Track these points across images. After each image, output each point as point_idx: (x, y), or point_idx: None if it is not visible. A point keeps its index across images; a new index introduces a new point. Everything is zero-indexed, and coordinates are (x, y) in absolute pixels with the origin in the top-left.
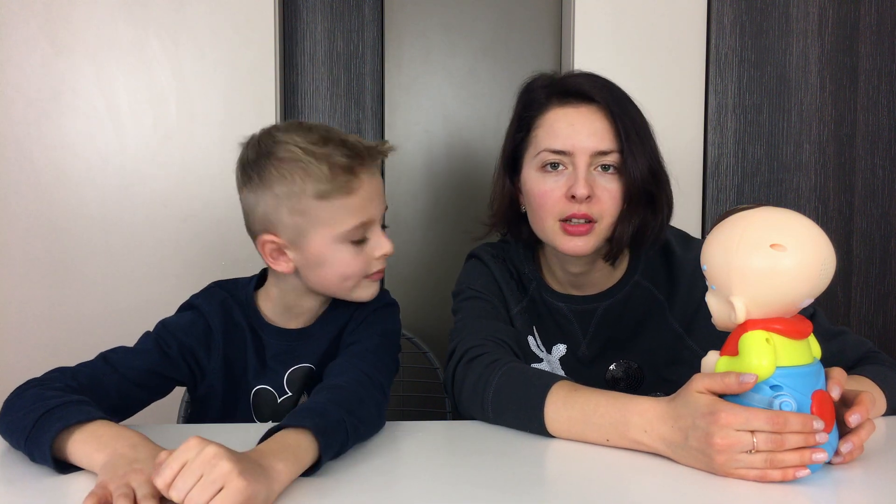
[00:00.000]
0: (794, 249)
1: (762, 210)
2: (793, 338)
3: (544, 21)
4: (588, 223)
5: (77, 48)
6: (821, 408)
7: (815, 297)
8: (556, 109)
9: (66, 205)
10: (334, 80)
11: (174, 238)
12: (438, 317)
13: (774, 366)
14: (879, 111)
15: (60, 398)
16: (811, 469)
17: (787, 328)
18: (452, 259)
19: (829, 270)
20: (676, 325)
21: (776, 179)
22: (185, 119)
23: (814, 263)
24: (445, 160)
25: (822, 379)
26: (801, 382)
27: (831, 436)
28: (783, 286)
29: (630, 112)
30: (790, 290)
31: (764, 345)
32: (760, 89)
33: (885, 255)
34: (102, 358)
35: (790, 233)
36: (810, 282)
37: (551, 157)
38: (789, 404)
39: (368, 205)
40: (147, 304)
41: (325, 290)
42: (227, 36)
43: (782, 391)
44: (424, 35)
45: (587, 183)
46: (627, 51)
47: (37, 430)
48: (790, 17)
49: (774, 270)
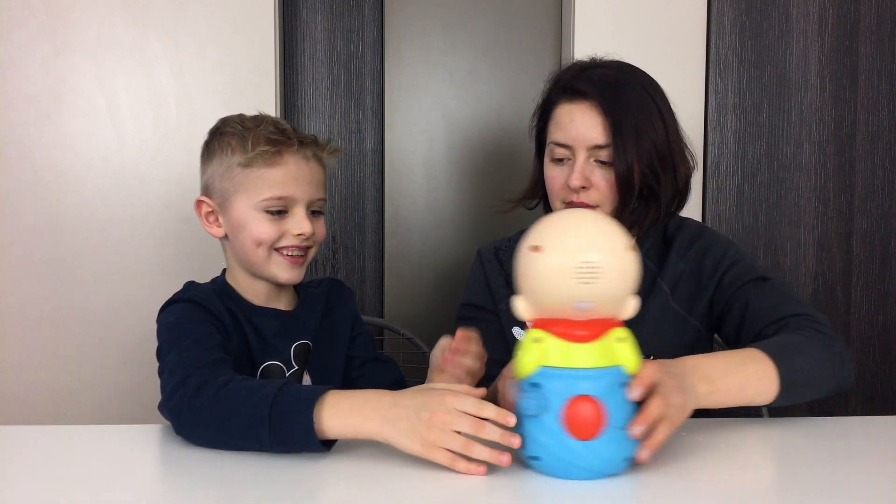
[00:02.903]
0: (548, 251)
1: (559, 213)
2: (571, 340)
3: (544, 21)
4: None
5: (77, 48)
6: (575, 414)
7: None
8: (563, 104)
9: (66, 205)
10: (334, 80)
11: (174, 238)
12: (438, 316)
13: (535, 364)
14: (879, 111)
15: (269, 384)
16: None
17: (565, 330)
18: (452, 259)
19: (593, 275)
20: (678, 308)
21: (776, 179)
22: (185, 119)
23: (567, 266)
24: (445, 160)
25: (615, 385)
26: (562, 384)
27: (607, 441)
28: (543, 287)
29: (628, 105)
30: (551, 291)
31: (527, 344)
32: (760, 89)
33: (885, 255)
34: (198, 351)
35: (549, 235)
36: (567, 283)
37: (557, 150)
38: (529, 401)
39: (291, 183)
40: (147, 304)
41: (246, 261)
42: (227, 36)
43: (539, 390)
44: (424, 35)
45: (582, 175)
46: (627, 51)
47: (279, 418)
48: (790, 17)
49: (531, 271)
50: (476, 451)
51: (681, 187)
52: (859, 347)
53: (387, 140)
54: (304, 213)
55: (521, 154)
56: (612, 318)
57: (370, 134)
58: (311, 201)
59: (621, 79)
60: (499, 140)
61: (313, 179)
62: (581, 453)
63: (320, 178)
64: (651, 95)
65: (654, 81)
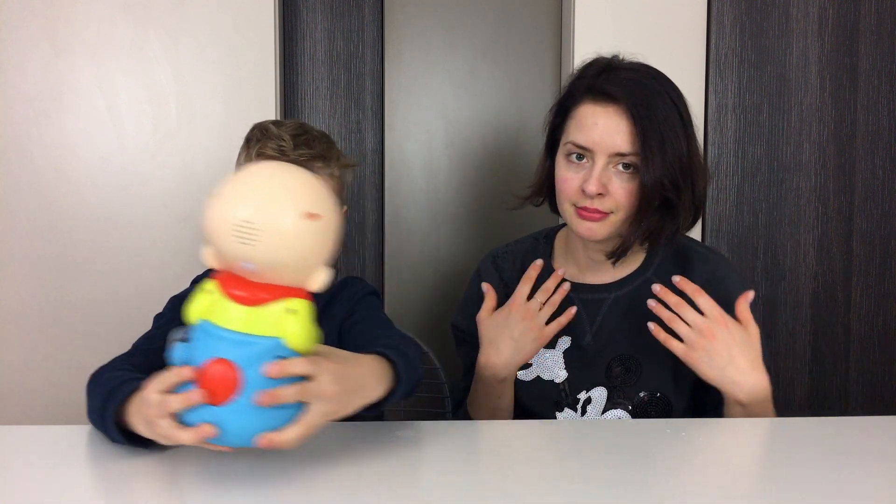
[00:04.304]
0: (215, 204)
1: (249, 165)
2: (233, 300)
3: (544, 21)
4: (602, 213)
5: (77, 48)
6: (208, 376)
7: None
8: (587, 105)
9: (66, 205)
10: (334, 80)
11: (174, 238)
12: (438, 316)
13: (198, 316)
14: (879, 111)
15: (119, 378)
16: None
17: (229, 289)
18: (452, 259)
19: (250, 235)
20: None
21: (776, 179)
22: (185, 119)
23: (225, 222)
24: (446, 160)
25: (263, 356)
26: (208, 343)
27: (236, 411)
28: (210, 239)
29: (656, 116)
30: (217, 245)
31: (199, 293)
32: (760, 89)
33: (885, 255)
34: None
35: (224, 186)
36: (226, 240)
37: (575, 150)
38: (176, 352)
39: None
40: (147, 304)
41: None
42: (227, 36)
43: (188, 343)
44: (424, 35)
45: (600, 181)
46: (627, 51)
47: (105, 411)
48: (790, 17)
49: (204, 221)
50: (182, 437)
51: (698, 201)
52: (859, 347)
53: (387, 140)
54: None
55: (522, 154)
56: (296, 286)
57: (370, 134)
58: None
59: (650, 85)
60: (499, 140)
61: None
62: (212, 417)
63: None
64: (676, 104)
65: (677, 89)
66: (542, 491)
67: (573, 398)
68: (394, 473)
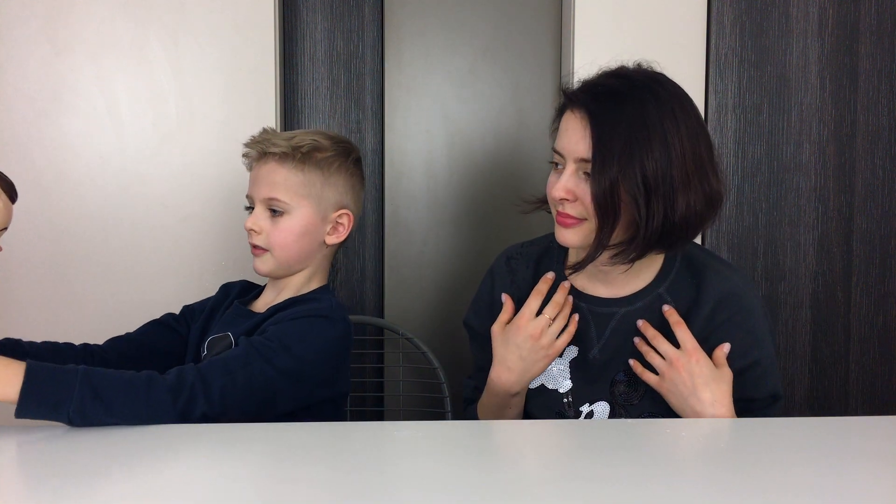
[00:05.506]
0: None
1: None
2: None
3: (544, 21)
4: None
5: (77, 48)
6: None
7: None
8: (567, 112)
9: (66, 205)
10: (334, 80)
11: (174, 238)
12: (438, 316)
13: None
14: (879, 111)
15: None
16: None
17: None
18: (452, 259)
19: None
20: None
21: (776, 179)
22: (185, 119)
23: None
24: (446, 160)
25: None
26: None
27: None
28: None
29: (620, 122)
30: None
31: None
32: (760, 89)
33: (885, 255)
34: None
35: None
36: None
37: (554, 157)
38: None
39: (253, 184)
40: (147, 304)
41: None
42: (227, 36)
43: None
44: (424, 35)
45: (565, 186)
46: (627, 51)
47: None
48: (790, 17)
49: None
50: None
51: (678, 222)
52: (859, 347)
53: (387, 140)
54: (260, 210)
55: (522, 154)
56: None
57: (370, 134)
58: (265, 200)
59: (628, 92)
60: (499, 140)
61: (266, 179)
62: None
63: (279, 179)
64: (665, 114)
65: (681, 99)
66: (542, 491)
67: (576, 410)
68: (394, 473)
